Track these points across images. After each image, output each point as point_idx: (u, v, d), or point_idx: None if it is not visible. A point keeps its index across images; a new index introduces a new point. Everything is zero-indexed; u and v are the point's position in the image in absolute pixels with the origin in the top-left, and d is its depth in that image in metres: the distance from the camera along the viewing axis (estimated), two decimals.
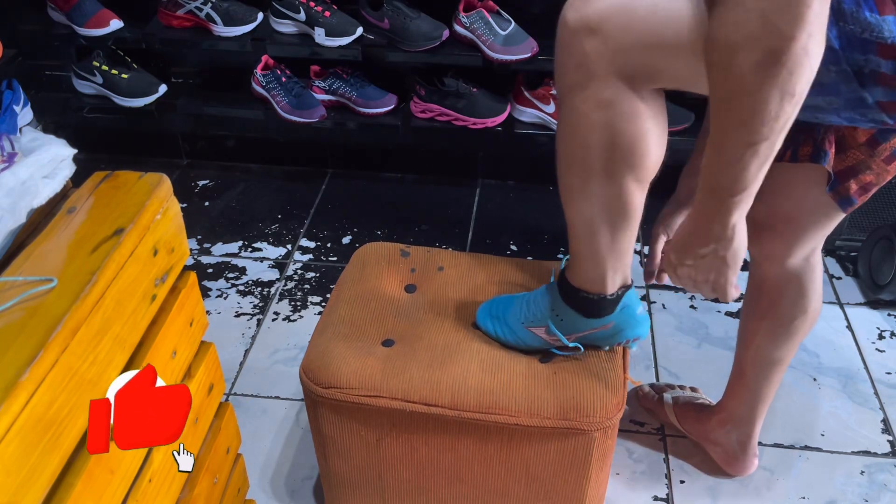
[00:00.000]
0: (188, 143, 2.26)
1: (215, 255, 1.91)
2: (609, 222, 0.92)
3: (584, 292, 1.01)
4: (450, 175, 2.20)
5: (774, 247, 1.10)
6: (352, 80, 1.99)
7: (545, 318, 1.06)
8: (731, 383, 1.29)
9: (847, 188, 0.97)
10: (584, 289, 1.01)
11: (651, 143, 0.85)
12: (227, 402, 1.07)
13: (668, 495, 1.35)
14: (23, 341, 0.65)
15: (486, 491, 1.13)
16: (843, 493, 1.34)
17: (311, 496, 1.34)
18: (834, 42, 0.74)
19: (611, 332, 1.05)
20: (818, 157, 0.95)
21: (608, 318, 1.04)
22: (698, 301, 1.76)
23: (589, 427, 1.02)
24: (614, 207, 0.90)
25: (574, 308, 1.03)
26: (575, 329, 1.05)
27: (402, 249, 1.28)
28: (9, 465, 0.60)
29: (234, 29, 1.90)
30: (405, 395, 1.04)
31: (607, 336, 1.06)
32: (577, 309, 1.03)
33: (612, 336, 1.06)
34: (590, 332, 1.05)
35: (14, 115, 1.61)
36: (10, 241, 0.79)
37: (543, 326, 1.06)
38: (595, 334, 1.06)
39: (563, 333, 1.05)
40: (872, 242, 1.77)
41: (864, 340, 1.66)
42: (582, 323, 1.04)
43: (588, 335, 1.06)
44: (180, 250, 0.89)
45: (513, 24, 1.82)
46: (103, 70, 1.99)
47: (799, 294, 1.14)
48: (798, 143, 0.96)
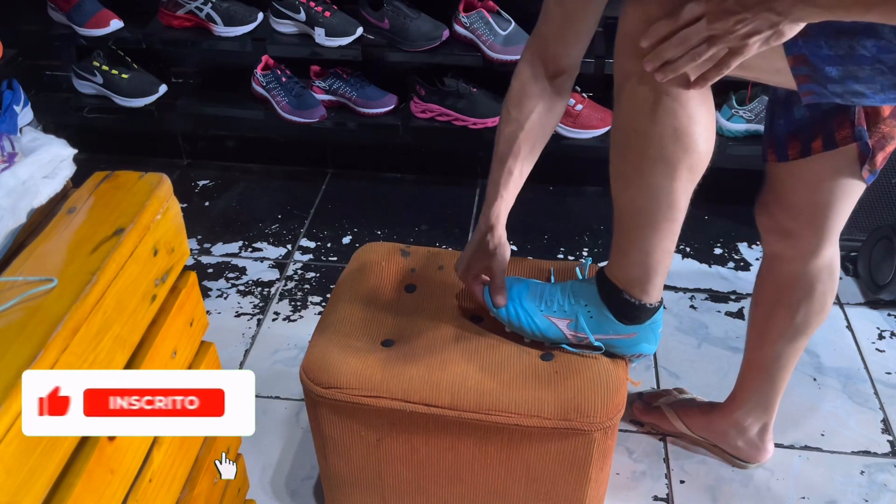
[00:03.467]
0: (188, 143, 2.26)
1: (215, 255, 1.91)
2: (660, 215, 0.93)
3: (627, 294, 1.00)
4: (450, 175, 2.20)
5: (809, 242, 1.10)
6: (352, 80, 1.99)
7: (573, 311, 1.05)
8: (746, 377, 1.29)
9: (875, 162, 0.99)
10: (628, 290, 1.00)
11: (701, 128, 0.87)
12: None
13: (668, 495, 1.34)
14: (23, 341, 0.65)
15: (486, 491, 1.13)
16: (843, 493, 1.34)
17: (311, 496, 1.34)
18: (871, 50, 0.79)
19: (631, 342, 1.05)
20: (859, 136, 0.97)
21: (636, 328, 1.03)
22: (698, 301, 1.76)
23: (589, 427, 1.02)
24: (666, 198, 0.91)
25: (611, 308, 1.03)
26: (602, 330, 1.05)
27: (402, 249, 1.28)
28: (9, 465, 0.60)
29: (234, 29, 1.90)
30: (405, 395, 1.04)
31: (625, 345, 1.06)
32: (613, 309, 1.03)
33: (630, 346, 1.06)
34: (613, 337, 1.05)
35: (14, 115, 1.61)
36: (10, 241, 0.79)
37: (568, 319, 1.05)
38: (615, 340, 1.05)
39: (592, 331, 1.05)
40: (872, 242, 1.77)
41: (864, 340, 1.66)
42: (611, 325, 1.04)
43: (609, 339, 1.05)
44: (180, 250, 0.89)
45: (513, 24, 1.82)
46: (103, 70, 1.99)
47: (823, 292, 1.14)
48: (831, 130, 0.98)
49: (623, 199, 0.95)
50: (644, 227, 0.94)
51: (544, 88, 1.04)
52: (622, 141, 0.92)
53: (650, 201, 0.92)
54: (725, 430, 1.35)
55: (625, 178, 0.93)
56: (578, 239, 1.96)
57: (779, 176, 1.08)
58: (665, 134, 0.87)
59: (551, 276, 1.20)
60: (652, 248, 0.96)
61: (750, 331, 1.26)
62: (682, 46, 0.79)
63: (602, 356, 1.08)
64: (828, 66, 0.82)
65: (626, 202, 0.95)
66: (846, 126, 0.97)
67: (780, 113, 1.04)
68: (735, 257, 1.90)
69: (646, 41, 0.81)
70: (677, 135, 0.87)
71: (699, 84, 0.82)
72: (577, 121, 1.89)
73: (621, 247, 0.99)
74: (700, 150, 0.88)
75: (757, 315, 1.23)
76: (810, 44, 0.82)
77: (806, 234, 1.09)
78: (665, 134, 0.87)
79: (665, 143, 0.87)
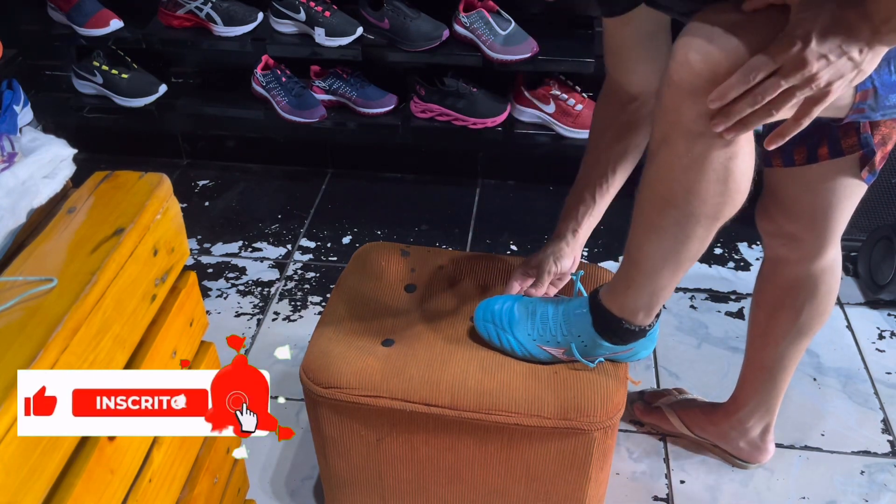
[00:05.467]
0: (188, 143, 2.26)
1: (215, 255, 1.91)
2: (690, 261, 0.90)
3: (626, 322, 0.99)
4: (450, 175, 2.20)
5: (812, 245, 1.10)
6: (352, 80, 1.99)
7: (566, 342, 1.04)
8: (748, 378, 1.29)
9: (874, 163, 0.98)
10: (628, 319, 0.99)
11: (747, 176, 0.83)
12: None
13: (668, 495, 1.34)
14: (23, 341, 0.65)
15: (486, 491, 1.13)
16: (843, 493, 1.34)
17: (311, 496, 1.34)
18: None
19: (629, 354, 1.05)
20: (865, 143, 0.96)
21: (631, 345, 1.03)
22: (698, 301, 1.76)
23: (589, 427, 1.02)
24: (699, 247, 0.88)
25: (607, 337, 1.02)
26: (597, 353, 1.04)
27: (402, 249, 1.28)
28: (9, 465, 0.60)
29: (234, 29, 1.90)
30: (405, 395, 1.04)
31: (622, 357, 1.06)
32: (610, 338, 1.02)
33: (626, 358, 1.07)
34: (609, 355, 1.05)
35: (14, 115, 1.61)
36: (10, 241, 0.79)
37: (562, 349, 1.05)
38: (613, 356, 1.06)
39: (584, 356, 1.04)
40: (872, 242, 1.77)
41: (864, 340, 1.66)
42: (606, 349, 1.04)
43: (605, 356, 1.06)
44: (180, 250, 0.89)
45: (513, 24, 1.82)
46: (103, 70, 1.99)
47: (826, 292, 1.14)
48: (836, 138, 0.97)
49: (650, 247, 0.91)
50: (666, 270, 0.92)
51: (616, 117, 1.09)
52: (664, 197, 0.85)
53: (682, 251, 0.89)
54: (727, 430, 1.35)
55: (659, 230, 0.88)
56: None
57: (779, 180, 1.07)
58: (718, 192, 0.82)
59: (578, 294, 1.20)
60: (666, 285, 0.94)
61: (751, 332, 1.26)
62: (758, 102, 0.72)
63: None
64: (892, 94, 0.80)
65: (652, 250, 0.91)
66: (852, 134, 0.96)
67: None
68: (735, 257, 1.90)
69: (715, 102, 0.74)
70: (730, 192, 0.82)
71: (776, 141, 0.77)
72: (577, 121, 1.89)
73: (632, 283, 0.96)
74: (744, 194, 0.84)
75: (759, 317, 1.23)
76: (881, 73, 0.78)
77: (808, 237, 1.09)
78: (718, 192, 0.82)
79: (717, 200, 0.83)
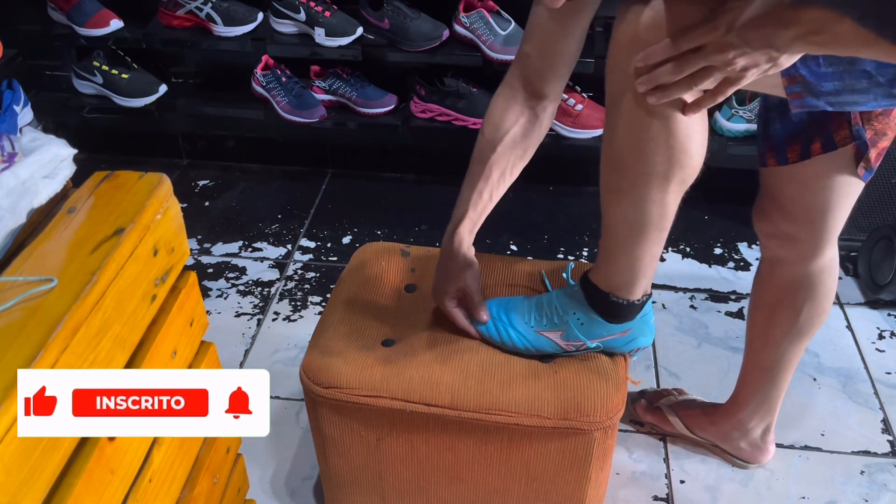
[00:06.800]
0: (188, 143, 2.26)
1: (215, 255, 1.91)
2: (653, 226, 0.92)
3: (613, 296, 1.01)
4: (450, 175, 2.18)
5: (810, 245, 1.10)
6: (352, 80, 1.99)
7: (564, 323, 1.05)
8: (749, 379, 1.29)
9: (869, 159, 0.99)
10: (615, 293, 1.00)
11: (696, 143, 0.86)
12: None
13: (668, 495, 1.35)
14: (23, 341, 0.65)
15: (486, 491, 1.13)
16: (843, 493, 1.34)
17: (311, 496, 1.34)
18: (871, 65, 0.80)
19: (627, 338, 1.06)
20: (857, 135, 0.97)
21: (628, 325, 1.04)
22: (698, 301, 1.76)
23: (589, 427, 1.02)
24: (660, 211, 0.91)
25: (600, 313, 1.03)
26: (594, 334, 1.05)
27: (402, 249, 1.28)
28: (9, 465, 0.60)
29: (234, 29, 1.90)
30: (405, 395, 1.04)
31: (622, 343, 1.06)
32: (602, 313, 1.03)
33: (626, 343, 1.07)
34: (608, 338, 1.05)
35: (14, 115, 1.61)
36: (10, 241, 0.79)
37: (560, 331, 1.06)
38: (612, 340, 1.06)
39: (583, 335, 1.05)
40: (872, 242, 1.77)
41: (864, 340, 1.66)
42: (603, 328, 1.04)
43: (605, 340, 1.06)
44: (180, 250, 0.89)
45: (513, 23, 1.82)
46: (103, 70, 1.99)
47: (825, 292, 1.14)
48: (829, 131, 0.98)
49: (614, 211, 0.94)
50: (634, 237, 0.94)
51: (522, 112, 1.06)
52: (615, 156, 0.91)
53: (642, 214, 0.92)
54: (728, 431, 1.35)
55: (617, 192, 0.92)
56: (578, 239, 1.96)
57: (776, 181, 1.08)
58: (660, 151, 0.86)
59: (544, 279, 1.20)
60: (641, 255, 0.96)
61: (751, 333, 1.26)
62: (678, 73, 0.78)
63: (601, 355, 1.08)
64: (825, 82, 0.82)
65: (618, 214, 0.94)
66: (844, 126, 0.97)
67: (776, 117, 1.04)
68: (735, 257, 1.90)
69: (640, 62, 0.80)
70: (672, 151, 0.86)
71: (693, 110, 0.82)
72: (577, 121, 1.89)
73: (609, 254, 0.99)
74: (694, 165, 0.88)
75: (758, 317, 1.23)
76: (808, 64, 0.82)
77: (806, 236, 1.09)
78: (660, 151, 0.86)
79: (660, 159, 0.86)
